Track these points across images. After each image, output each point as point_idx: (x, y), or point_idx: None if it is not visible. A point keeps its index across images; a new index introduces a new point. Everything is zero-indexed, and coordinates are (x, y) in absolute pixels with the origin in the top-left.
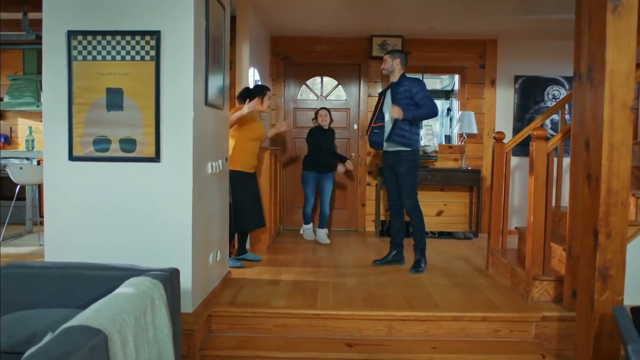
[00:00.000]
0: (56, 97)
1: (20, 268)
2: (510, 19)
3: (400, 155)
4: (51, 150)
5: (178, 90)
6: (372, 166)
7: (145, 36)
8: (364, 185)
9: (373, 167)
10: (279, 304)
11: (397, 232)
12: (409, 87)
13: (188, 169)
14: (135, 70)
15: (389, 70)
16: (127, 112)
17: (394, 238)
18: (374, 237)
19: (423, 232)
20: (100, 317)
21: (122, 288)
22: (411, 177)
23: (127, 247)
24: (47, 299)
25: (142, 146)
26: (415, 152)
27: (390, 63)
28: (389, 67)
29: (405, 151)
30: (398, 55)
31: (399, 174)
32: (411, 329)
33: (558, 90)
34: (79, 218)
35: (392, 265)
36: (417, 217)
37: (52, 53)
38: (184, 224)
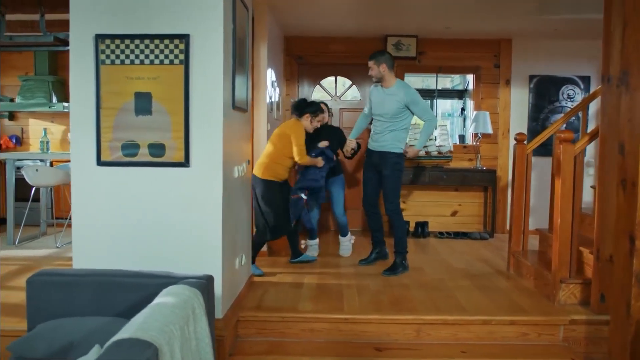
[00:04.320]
0: (84, 101)
1: (53, 275)
2: (525, 19)
3: (386, 156)
4: (79, 155)
5: (207, 94)
6: None
7: (174, 40)
8: None
9: None
10: (305, 308)
11: (376, 230)
12: (403, 97)
13: (218, 173)
14: (164, 74)
15: (378, 77)
16: (156, 117)
17: (374, 236)
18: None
19: (404, 236)
20: (149, 328)
21: (163, 297)
22: (395, 180)
23: (156, 253)
24: (81, 306)
25: (171, 151)
26: (401, 156)
27: (376, 70)
28: (377, 74)
29: (393, 153)
30: (383, 60)
31: (383, 176)
32: (439, 332)
33: (573, 90)
34: (107, 224)
35: (377, 262)
36: (398, 220)
37: (79, 57)
38: (214, 229)
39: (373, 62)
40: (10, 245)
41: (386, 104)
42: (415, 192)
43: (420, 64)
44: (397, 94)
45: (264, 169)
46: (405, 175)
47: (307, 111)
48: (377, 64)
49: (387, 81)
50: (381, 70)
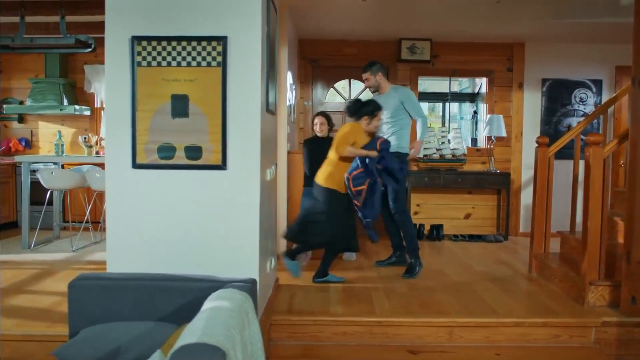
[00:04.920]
0: (119, 103)
1: (94, 279)
2: (538, 23)
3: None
4: (114, 158)
5: (245, 97)
6: None
7: (211, 42)
8: None
9: None
10: (337, 312)
11: (392, 234)
12: (399, 96)
13: (255, 176)
14: (202, 77)
15: (375, 86)
16: (192, 119)
17: (392, 241)
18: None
19: (413, 234)
20: (214, 333)
21: (217, 301)
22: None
23: (191, 257)
24: (124, 311)
25: (208, 153)
26: (406, 156)
27: (373, 80)
28: (374, 84)
29: (397, 153)
30: (377, 69)
31: None
32: (471, 335)
33: (585, 93)
34: (142, 227)
35: (395, 267)
36: (404, 219)
37: (115, 59)
38: (252, 232)
39: (369, 74)
40: (25, 249)
41: (385, 105)
42: (429, 195)
43: (433, 68)
44: (393, 95)
45: (328, 178)
46: (419, 178)
47: (364, 112)
48: (373, 74)
49: (383, 88)
50: (377, 79)
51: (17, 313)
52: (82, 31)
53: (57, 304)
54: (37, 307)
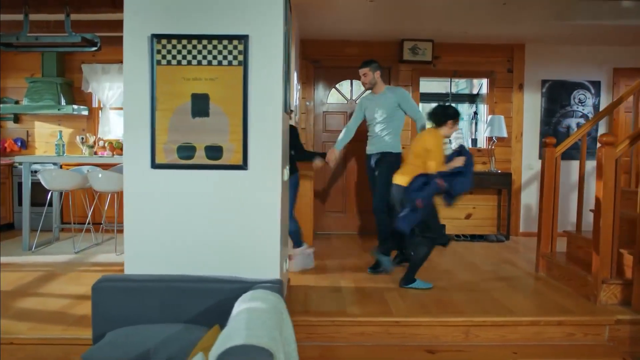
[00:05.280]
0: (138, 102)
1: (118, 281)
2: (538, 24)
3: (384, 156)
4: (132, 157)
5: (266, 97)
6: None
7: (232, 40)
8: None
9: None
10: (354, 312)
11: (392, 235)
12: (396, 97)
13: (276, 176)
14: (222, 76)
15: (372, 83)
16: (213, 119)
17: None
18: None
19: (387, 235)
20: (258, 334)
21: (252, 302)
22: (387, 178)
23: (211, 258)
24: (149, 313)
25: (229, 153)
26: (399, 156)
27: (371, 76)
28: (371, 81)
29: (392, 153)
30: (376, 68)
31: (377, 175)
32: (488, 334)
33: (584, 95)
34: (161, 228)
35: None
36: (380, 219)
37: (133, 57)
38: (273, 233)
39: (368, 69)
40: (26, 251)
41: (380, 106)
42: None
43: (435, 69)
44: (389, 95)
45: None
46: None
47: (449, 117)
48: (372, 70)
49: (379, 87)
50: (375, 77)
51: (29, 316)
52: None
53: (68, 307)
54: (49, 310)
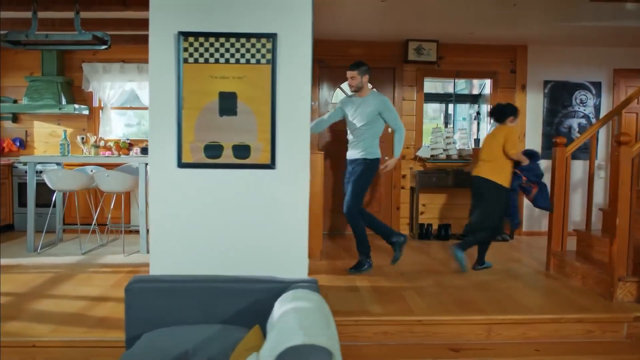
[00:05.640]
0: (164, 101)
1: (151, 282)
2: (541, 26)
3: (359, 162)
4: (158, 157)
5: (295, 95)
6: (407, 170)
7: (261, 39)
8: (399, 189)
9: (407, 171)
10: (376, 311)
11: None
12: (378, 104)
13: (304, 175)
14: (250, 74)
15: (358, 87)
16: (241, 117)
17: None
18: (411, 240)
19: (364, 237)
20: (314, 334)
21: (297, 302)
22: (360, 184)
23: (238, 257)
24: (183, 314)
25: (257, 152)
26: (375, 162)
27: (359, 80)
28: (358, 84)
29: (366, 159)
30: (366, 71)
31: (353, 179)
32: (509, 332)
33: (585, 95)
34: (187, 227)
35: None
36: (354, 224)
37: (159, 55)
38: (300, 232)
39: (356, 72)
40: (31, 252)
41: (361, 111)
42: (434, 195)
43: (439, 69)
44: (371, 101)
45: (498, 173)
46: (427, 178)
47: (509, 114)
48: (360, 74)
49: (364, 91)
50: (363, 81)
51: (47, 318)
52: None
53: (86, 308)
54: (67, 312)
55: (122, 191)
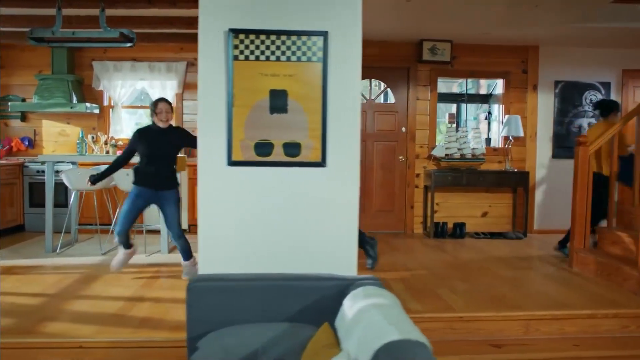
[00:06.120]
0: (214, 98)
1: (214, 281)
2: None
3: None
4: (207, 155)
5: (345, 93)
6: (420, 169)
7: (312, 37)
8: (412, 188)
9: (421, 170)
10: (416, 308)
11: None
12: None
13: (355, 173)
14: (301, 72)
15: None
16: (291, 115)
17: None
18: (426, 238)
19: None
20: (407, 329)
21: (372, 299)
22: None
23: (287, 255)
24: (248, 312)
25: (307, 150)
26: None
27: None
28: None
29: None
30: None
31: None
32: (547, 327)
33: (595, 95)
34: (237, 226)
35: None
36: None
37: (209, 52)
38: (350, 230)
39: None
40: (49, 253)
41: None
42: (448, 194)
43: (452, 69)
44: None
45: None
46: (442, 177)
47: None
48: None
49: None
50: None
51: (88, 319)
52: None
53: (125, 309)
54: (107, 313)
55: None
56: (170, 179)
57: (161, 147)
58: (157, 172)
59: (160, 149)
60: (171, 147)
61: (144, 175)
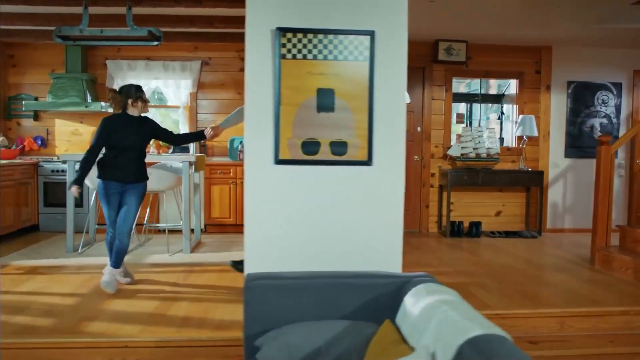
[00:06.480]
0: (261, 97)
1: (271, 279)
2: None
3: None
4: (254, 154)
5: (391, 92)
6: (435, 168)
7: (358, 36)
8: (428, 187)
9: (436, 169)
10: None
11: None
12: None
13: (400, 172)
14: (348, 71)
15: None
16: (338, 114)
17: None
18: (442, 237)
19: None
20: (486, 324)
21: (438, 295)
22: None
23: (333, 254)
24: (305, 310)
25: (354, 149)
26: None
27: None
28: None
29: None
30: None
31: None
32: (581, 324)
33: (607, 95)
34: (284, 224)
35: None
36: None
37: (256, 51)
38: (396, 229)
39: None
40: (70, 252)
41: None
42: (462, 194)
43: (467, 69)
44: None
45: None
46: (459, 177)
47: None
48: None
49: None
50: None
51: (128, 319)
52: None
53: (164, 308)
54: (145, 312)
55: (165, 190)
56: (142, 171)
57: (134, 137)
58: (127, 165)
59: (133, 139)
60: (144, 138)
61: (113, 169)
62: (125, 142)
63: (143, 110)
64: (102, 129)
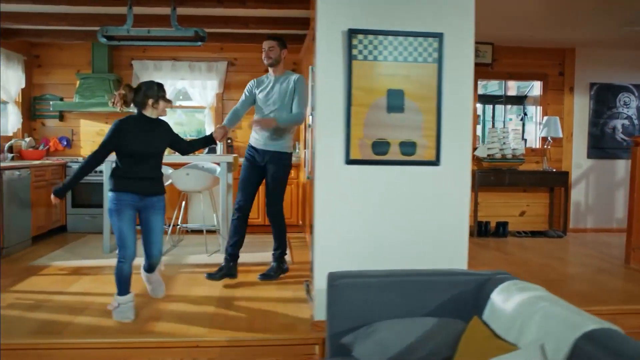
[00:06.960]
0: (332, 98)
1: (355, 277)
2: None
3: (274, 156)
4: (325, 154)
5: (458, 93)
6: None
7: (428, 38)
8: None
9: None
10: None
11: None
12: (293, 82)
13: (466, 172)
14: (417, 72)
15: (277, 60)
16: (407, 114)
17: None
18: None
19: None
20: (595, 319)
21: (531, 292)
22: (284, 182)
23: (401, 252)
24: (388, 308)
25: (422, 149)
26: (290, 156)
27: (277, 52)
28: (277, 58)
29: (285, 154)
30: (284, 46)
31: (272, 177)
32: (630, 321)
33: (628, 97)
34: (353, 223)
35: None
36: (282, 222)
37: (327, 52)
38: (462, 227)
39: (277, 44)
40: (107, 253)
41: (273, 90)
42: (487, 194)
43: (492, 71)
44: (288, 79)
45: None
46: (485, 177)
47: None
48: (280, 46)
49: (280, 69)
50: (282, 55)
51: (193, 319)
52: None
53: (225, 308)
54: (207, 312)
55: (202, 190)
56: (160, 182)
57: (152, 142)
58: (147, 175)
59: (155, 145)
60: (164, 144)
61: (130, 180)
62: (144, 149)
63: (162, 113)
64: (114, 131)
